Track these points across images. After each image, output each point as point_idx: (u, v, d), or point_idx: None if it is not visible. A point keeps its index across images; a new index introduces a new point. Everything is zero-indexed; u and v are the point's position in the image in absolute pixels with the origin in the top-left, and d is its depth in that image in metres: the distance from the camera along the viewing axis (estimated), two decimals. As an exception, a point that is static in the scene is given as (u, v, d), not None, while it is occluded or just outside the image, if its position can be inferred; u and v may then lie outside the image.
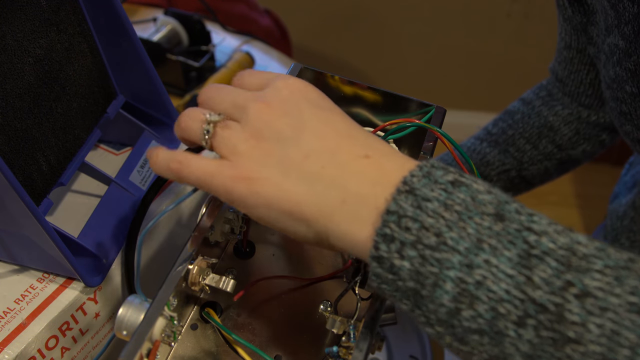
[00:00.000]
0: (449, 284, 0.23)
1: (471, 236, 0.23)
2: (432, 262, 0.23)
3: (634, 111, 0.45)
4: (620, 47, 0.44)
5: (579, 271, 0.22)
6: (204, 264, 0.31)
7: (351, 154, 0.27)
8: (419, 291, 0.24)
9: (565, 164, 0.63)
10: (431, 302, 0.24)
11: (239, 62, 0.76)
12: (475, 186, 0.25)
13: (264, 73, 0.32)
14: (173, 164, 0.29)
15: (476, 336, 0.23)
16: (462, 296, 0.23)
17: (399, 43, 1.58)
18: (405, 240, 0.24)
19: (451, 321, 0.23)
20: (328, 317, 0.31)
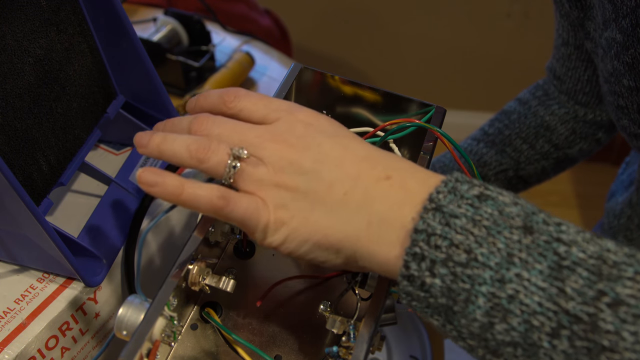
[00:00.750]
0: (482, 299, 0.23)
1: (501, 251, 0.23)
2: (464, 278, 0.23)
3: (630, 105, 0.45)
4: (618, 40, 0.44)
5: (610, 280, 0.22)
6: (204, 264, 0.31)
7: (372, 177, 0.27)
8: (451, 307, 0.24)
9: (562, 162, 0.63)
10: (464, 317, 0.24)
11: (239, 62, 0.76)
12: (501, 199, 0.25)
13: (265, 100, 0.31)
14: (218, 199, 0.27)
15: (510, 348, 0.23)
16: (495, 310, 0.23)
17: (399, 43, 1.58)
18: (435, 258, 0.24)
19: (484, 335, 0.23)
20: (328, 317, 0.31)
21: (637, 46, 0.42)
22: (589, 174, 1.61)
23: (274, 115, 0.30)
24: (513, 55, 1.54)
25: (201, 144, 0.29)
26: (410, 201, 0.26)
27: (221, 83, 0.74)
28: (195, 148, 0.29)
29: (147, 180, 0.28)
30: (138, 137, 0.31)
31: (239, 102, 0.31)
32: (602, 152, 0.65)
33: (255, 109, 0.31)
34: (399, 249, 0.25)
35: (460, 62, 1.60)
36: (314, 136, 0.29)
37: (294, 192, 0.27)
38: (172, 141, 0.29)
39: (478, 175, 0.34)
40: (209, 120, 0.30)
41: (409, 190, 0.26)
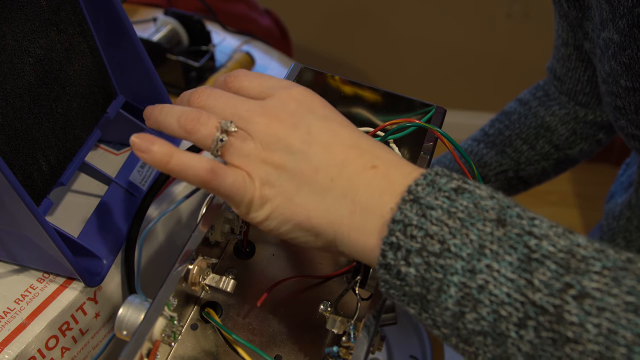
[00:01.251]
0: (453, 289, 0.24)
1: (473, 242, 0.24)
2: (437, 268, 0.24)
3: (628, 106, 0.45)
4: (615, 41, 0.44)
5: (577, 273, 0.22)
6: (204, 264, 0.31)
7: (359, 165, 0.28)
8: (425, 296, 0.25)
9: (562, 163, 0.63)
10: (437, 306, 0.24)
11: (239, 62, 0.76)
12: (478, 192, 0.25)
13: (262, 78, 0.31)
14: (207, 171, 0.27)
15: (480, 337, 0.24)
16: (465, 300, 0.24)
17: (399, 43, 1.58)
18: (410, 248, 0.25)
19: (456, 324, 0.24)
20: (328, 317, 0.31)
21: (633, 46, 0.42)
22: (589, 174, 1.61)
23: (269, 91, 0.30)
24: (513, 55, 1.54)
25: (190, 115, 0.29)
26: (391, 191, 0.26)
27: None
28: (184, 119, 0.29)
29: (139, 146, 0.28)
30: (148, 109, 0.31)
31: (238, 81, 0.32)
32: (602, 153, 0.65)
33: (251, 86, 0.31)
34: (377, 238, 0.26)
35: (460, 62, 1.60)
36: (305, 115, 0.29)
37: (280, 169, 0.28)
38: (167, 112, 0.30)
39: (478, 175, 0.34)
40: (206, 92, 0.31)
41: (392, 181, 0.27)
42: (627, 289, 0.22)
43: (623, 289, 0.22)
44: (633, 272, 0.22)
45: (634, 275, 0.22)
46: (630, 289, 0.22)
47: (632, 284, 0.22)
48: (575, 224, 1.54)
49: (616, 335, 0.21)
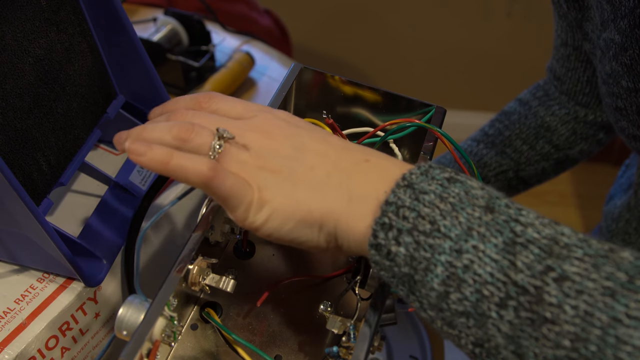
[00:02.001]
0: (440, 268, 0.25)
1: (462, 224, 0.25)
2: (426, 247, 0.25)
3: (629, 106, 0.45)
4: (616, 41, 0.44)
5: (559, 258, 0.23)
6: (204, 264, 0.31)
7: (352, 161, 0.29)
8: (413, 276, 0.25)
9: (562, 163, 0.63)
10: (423, 287, 0.25)
11: (239, 62, 0.76)
12: (469, 183, 0.26)
13: (241, 101, 0.32)
14: (207, 171, 0.27)
15: (463, 319, 0.24)
16: (450, 279, 0.24)
17: (399, 43, 1.58)
18: (402, 227, 0.25)
19: (440, 305, 0.25)
20: (328, 317, 0.31)
21: (635, 47, 0.42)
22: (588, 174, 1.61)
23: (252, 113, 0.31)
24: (513, 55, 1.54)
25: (184, 126, 0.29)
26: (386, 179, 0.27)
27: (221, 83, 0.74)
28: (177, 130, 0.29)
29: (136, 150, 0.27)
30: (116, 136, 0.31)
31: (214, 103, 0.32)
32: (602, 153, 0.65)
33: (231, 108, 0.32)
34: (370, 220, 0.27)
35: (460, 62, 1.60)
36: (294, 129, 0.30)
37: (276, 174, 0.28)
38: (151, 129, 0.29)
39: (478, 175, 0.34)
40: (188, 112, 0.31)
41: (386, 171, 0.28)
42: (605, 275, 0.22)
43: (602, 274, 0.23)
44: (613, 260, 0.23)
45: (613, 262, 0.23)
46: (608, 274, 0.22)
47: (611, 270, 0.23)
48: (575, 224, 1.54)
49: (592, 317, 0.22)
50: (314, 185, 0.28)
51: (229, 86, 0.75)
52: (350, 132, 0.40)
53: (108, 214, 0.42)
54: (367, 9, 1.52)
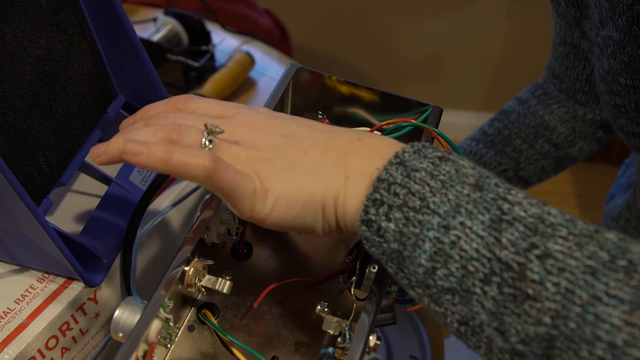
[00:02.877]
0: (428, 244, 0.25)
1: (451, 201, 0.25)
2: (415, 223, 0.25)
3: (628, 104, 0.45)
4: (615, 39, 0.44)
5: (544, 236, 0.24)
6: (200, 265, 0.31)
7: (344, 141, 0.29)
8: (402, 252, 0.26)
9: (562, 162, 0.63)
10: (411, 263, 0.26)
11: (239, 62, 0.76)
12: (460, 162, 0.27)
13: (220, 102, 0.32)
14: (210, 164, 0.26)
15: (449, 295, 0.25)
16: (437, 255, 0.25)
17: (399, 43, 1.58)
18: (392, 203, 0.26)
19: (427, 281, 0.25)
20: (324, 318, 0.32)
21: (633, 44, 0.42)
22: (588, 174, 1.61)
23: (232, 111, 0.31)
24: (512, 55, 1.54)
25: (170, 127, 0.28)
26: (379, 156, 0.28)
27: (221, 83, 0.74)
28: (164, 132, 0.28)
29: (132, 150, 0.26)
30: (93, 149, 0.29)
31: (192, 103, 0.31)
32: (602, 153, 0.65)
33: (209, 108, 0.31)
34: (363, 197, 0.27)
35: (459, 61, 1.59)
36: (278, 120, 0.30)
37: (272, 162, 0.28)
38: (135, 134, 0.28)
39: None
40: (168, 115, 0.30)
41: (379, 149, 0.28)
42: (588, 254, 0.23)
43: (585, 253, 0.23)
44: (597, 240, 0.23)
45: (597, 242, 0.23)
46: (591, 254, 0.23)
47: (594, 249, 0.23)
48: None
49: (573, 294, 0.22)
50: (311, 167, 0.28)
51: (229, 86, 0.75)
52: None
53: (108, 214, 0.42)
54: (367, 9, 1.52)
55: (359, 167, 0.28)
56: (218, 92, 0.73)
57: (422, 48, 1.58)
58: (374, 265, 0.31)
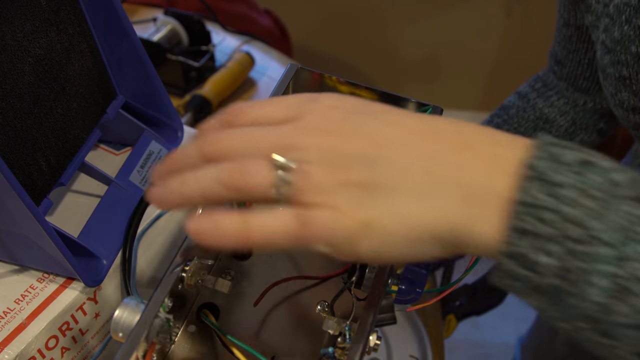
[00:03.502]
0: (601, 280, 0.21)
1: (616, 224, 0.21)
2: (580, 256, 0.21)
3: (634, 75, 0.44)
4: (633, 4, 0.43)
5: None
6: (200, 265, 0.31)
7: (448, 148, 0.24)
8: (561, 287, 0.22)
9: None
10: (575, 298, 0.22)
11: (239, 62, 0.76)
12: (604, 164, 0.23)
13: (279, 99, 0.26)
14: (296, 226, 0.23)
15: (630, 331, 0.22)
16: (615, 292, 0.21)
17: (398, 43, 1.58)
18: (544, 233, 0.22)
19: (597, 316, 0.22)
20: (324, 318, 0.32)
21: None
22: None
23: (295, 111, 0.25)
24: (512, 55, 1.54)
25: (232, 169, 0.24)
26: (500, 168, 0.23)
27: (221, 83, 0.74)
28: (227, 176, 0.23)
29: (201, 229, 0.23)
30: (150, 193, 0.25)
31: (248, 114, 0.26)
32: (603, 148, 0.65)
33: (270, 111, 0.26)
34: (499, 224, 0.22)
35: (459, 61, 1.60)
36: (354, 119, 0.24)
37: (365, 187, 0.23)
38: (194, 181, 0.24)
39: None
40: (221, 136, 0.25)
41: (497, 157, 0.23)
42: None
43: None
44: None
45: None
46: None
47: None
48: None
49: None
50: (416, 190, 0.23)
51: (229, 86, 0.75)
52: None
53: (108, 214, 0.42)
54: (367, 9, 1.52)
55: (477, 185, 0.23)
56: (218, 92, 0.73)
57: (422, 48, 1.58)
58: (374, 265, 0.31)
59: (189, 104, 0.71)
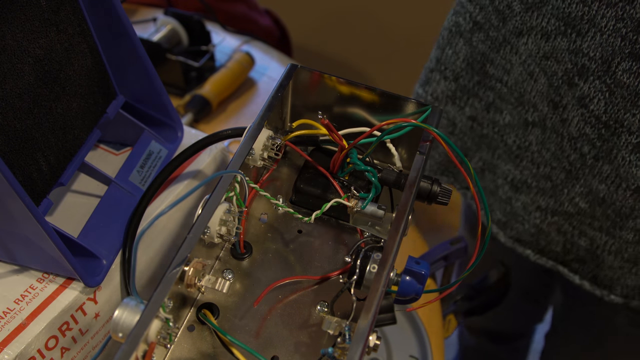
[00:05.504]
0: None
1: None
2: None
3: None
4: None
5: None
6: (199, 265, 0.31)
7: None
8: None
9: None
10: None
11: (239, 62, 0.76)
12: None
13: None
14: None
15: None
16: None
17: (399, 43, 1.58)
18: None
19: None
20: (324, 318, 0.32)
21: None
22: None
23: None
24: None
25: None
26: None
27: (221, 83, 0.74)
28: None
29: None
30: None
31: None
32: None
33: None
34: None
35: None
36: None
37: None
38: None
39: (475, 175, 0.34)
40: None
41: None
42: None
43: None
44: None
45: None
46: None
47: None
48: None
49: None
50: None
51: (228, 86, 0.75)
52: (347, 132, 0.40)
53: (108, 214, 0.42)
54: (367, 9, 1.52)
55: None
56: (218, 92, 0.73)
57: (422, 48, 1.58)
58: (374, 265, 0.31)
59: (189, 104, 0.71)
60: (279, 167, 0.43)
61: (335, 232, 0.39)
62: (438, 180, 0.36)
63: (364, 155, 0.38)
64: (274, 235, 0.39)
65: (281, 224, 0.39)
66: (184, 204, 0.47)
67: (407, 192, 0.34)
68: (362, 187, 0.38)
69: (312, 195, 0.39)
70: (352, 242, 0.38)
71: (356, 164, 0.37)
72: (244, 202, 0.36)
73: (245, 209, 0.37)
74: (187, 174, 0.47)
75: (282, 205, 0.37)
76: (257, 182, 0.41)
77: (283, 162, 0.43)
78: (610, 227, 0.55)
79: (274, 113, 0.39)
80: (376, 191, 0.37)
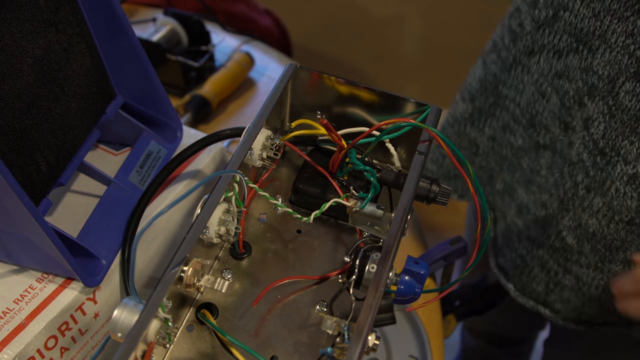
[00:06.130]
0: None
1: None
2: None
3: None
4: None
5: None
6: (199, 265, 0.31)
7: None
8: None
9: None
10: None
11: (239, 62, 0.76)
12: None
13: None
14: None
15: None
16: None
17: (398, 43, 1.58)
18: None
19: None
20: (323, 318, 0.31)
21: None
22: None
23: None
24: (514, 54, 1.54)
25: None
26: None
27: (221, 83, 0.74)
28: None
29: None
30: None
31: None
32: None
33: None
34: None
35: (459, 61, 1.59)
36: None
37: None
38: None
39: (474, 175, 0.34)
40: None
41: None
42: None
43: None
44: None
45: None
46: None
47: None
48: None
49: None
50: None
51: (228, 86, 0.75)
52: (346, 131, 0.40)
53: (107, 214, 0.42)
54: (367, 9, 1.52)
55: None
56: (217, 92, 0.73)
57: (422, 48, 1.58)
58: (373, 265, 0.31)
59: (189, 104, 0.71)
60: (278, 167, 0.43)
61: (335, 232, 0.39)
62: (437, 180, 0.36)
63: (363, 155, 0.38)
64: (273, 235, 0.39)
65: (280, 224, 0.39)
66: (183, 203, 0.47)
67: (406, 192, 0.34)
68: (361, 187, 0.38)
69: (311, 195, 0.39)
70: (351, 242, 0.38)
71: (355, 164, 0.37)
72: (243, 202, 0.36)
73: (245, 208, 0.37)
74: (186, 174, 0.47)
75: (281, 205, 0.37)
76: (256, 182, 0.41)
77: (282, 162, 0.43)
78: (598, 262, 0.54)
79: (273, 113, 0.39)
80: (375, 191, 0.37)
